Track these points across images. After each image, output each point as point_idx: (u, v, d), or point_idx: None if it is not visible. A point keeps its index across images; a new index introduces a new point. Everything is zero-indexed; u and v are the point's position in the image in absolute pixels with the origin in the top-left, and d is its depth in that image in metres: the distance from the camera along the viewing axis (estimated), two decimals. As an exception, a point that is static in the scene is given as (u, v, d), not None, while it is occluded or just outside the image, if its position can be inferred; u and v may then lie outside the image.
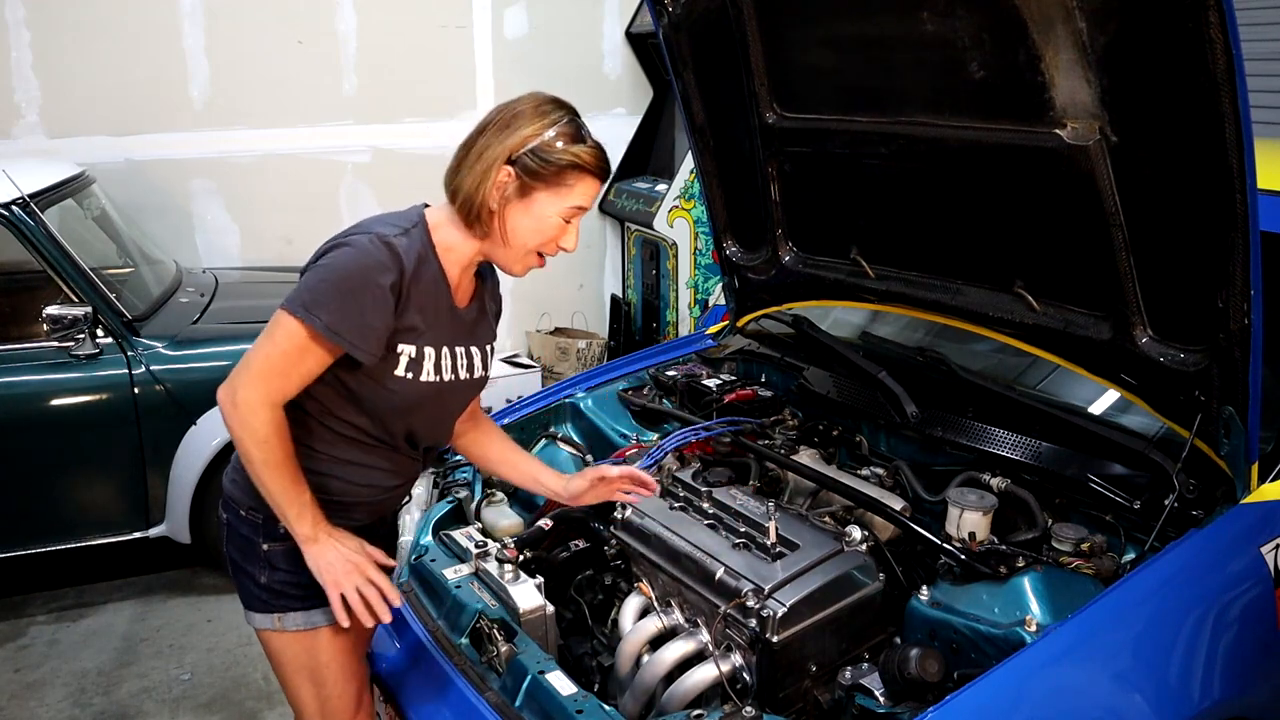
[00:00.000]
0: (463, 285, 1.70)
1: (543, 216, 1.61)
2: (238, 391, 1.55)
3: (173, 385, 3.42)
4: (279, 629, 1.71)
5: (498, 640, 1.74)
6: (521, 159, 1.57)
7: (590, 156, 1.61)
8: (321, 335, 1.52)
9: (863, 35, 2.03)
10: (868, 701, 1.60)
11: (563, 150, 1.58)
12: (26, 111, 4.57)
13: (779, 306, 2.75)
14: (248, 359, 1.57)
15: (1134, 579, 1.61)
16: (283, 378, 1.55)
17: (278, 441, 1.55)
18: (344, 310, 1.52)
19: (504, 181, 1.58)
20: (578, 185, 1.61)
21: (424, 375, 1.63)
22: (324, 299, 1.52)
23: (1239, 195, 1.47)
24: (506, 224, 1.61)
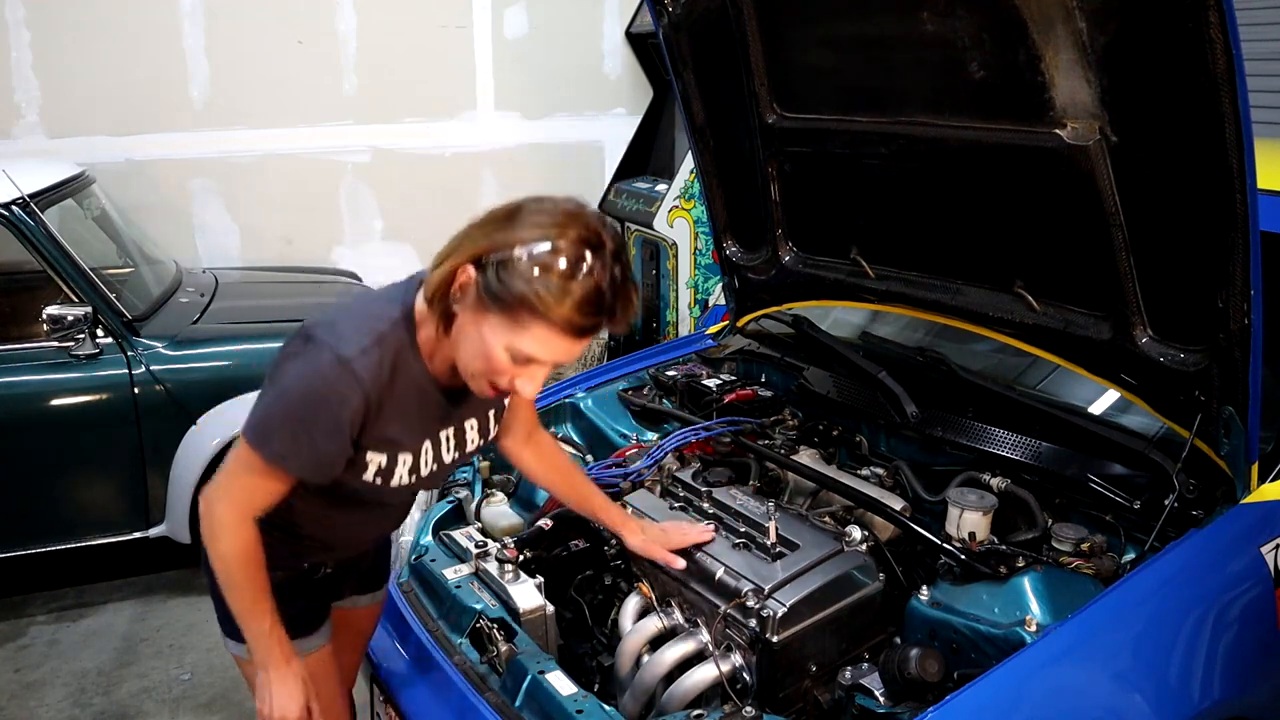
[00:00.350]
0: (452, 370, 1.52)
1: (487, 345, 1.34)
2: (214, 505, 1.50)
3: (173, 385, 3.42)
4: (250, 659, 1.66)
5: (498, 640, 1.74)
6: (487, 266, 1.31)
7: (562, 306, 1.28)
8: (274, 465, 1.45)
9: (863, 35, 2.03)
10: (868, 701, 1.60)
11: (530, 280, 1.28)
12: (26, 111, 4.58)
13: (779, 306, 2.75)
14: (223, 472, 1.51)
15: (1134, 579, 1.61)
16: (250, 497, 1.49)
17: (241, 564, 1.51)
18: (295, 442, 1.42)
19: (464, 283, 1.34)
20: (533, 330, 1.31)
21: (394, 481, 1.56)
22: (275, 429, 1.43)
23: (1239, 195, 1.47)
24: (462, 336, 1.38)
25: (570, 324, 1.30)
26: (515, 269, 1.29)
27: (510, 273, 1.29)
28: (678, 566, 1.81)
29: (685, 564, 1.81)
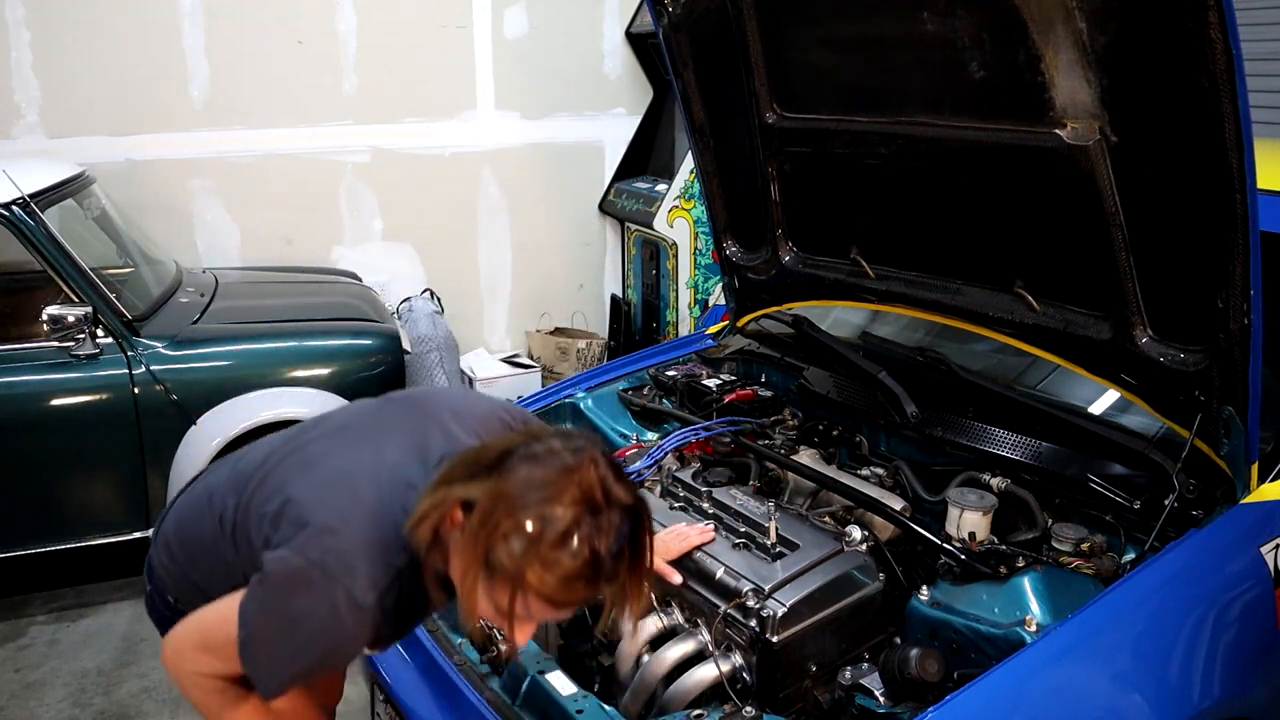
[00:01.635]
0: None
1: (475, 596, 1.23)
2: (183, 654, 1.45)
3: (173, 385, 3.42)
4: None
5: (498, 640, 1.74)
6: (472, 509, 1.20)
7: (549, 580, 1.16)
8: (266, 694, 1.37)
9: (863, 35, 2.03)
10: (868, 701, 1.60)
11: (514, 555, 1.16)
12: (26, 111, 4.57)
13: (779, 306, 2.75)
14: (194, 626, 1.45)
15: (1134, 579, 1.61)
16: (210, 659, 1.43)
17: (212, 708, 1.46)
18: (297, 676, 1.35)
19: (455, 522, 1.23)
20: (520, 598, 1.19)
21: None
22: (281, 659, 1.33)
23: (1239, 195, 1.47)
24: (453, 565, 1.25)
25: (559, 597, 1.18)
26: (501, 535, 1.16)
27: (495, 537, 1.16)
28: (675, 581, 1.79)
29: (682, 579, 1.80)
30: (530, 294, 5.67)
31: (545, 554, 1.15)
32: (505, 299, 5.67)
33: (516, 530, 1.16)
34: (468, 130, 5.37)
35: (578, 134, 5.59)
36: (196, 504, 1.63)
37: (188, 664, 1.45)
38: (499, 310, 5.67)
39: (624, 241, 5.62)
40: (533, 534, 1.15)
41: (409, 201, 5.19)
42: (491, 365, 5.24)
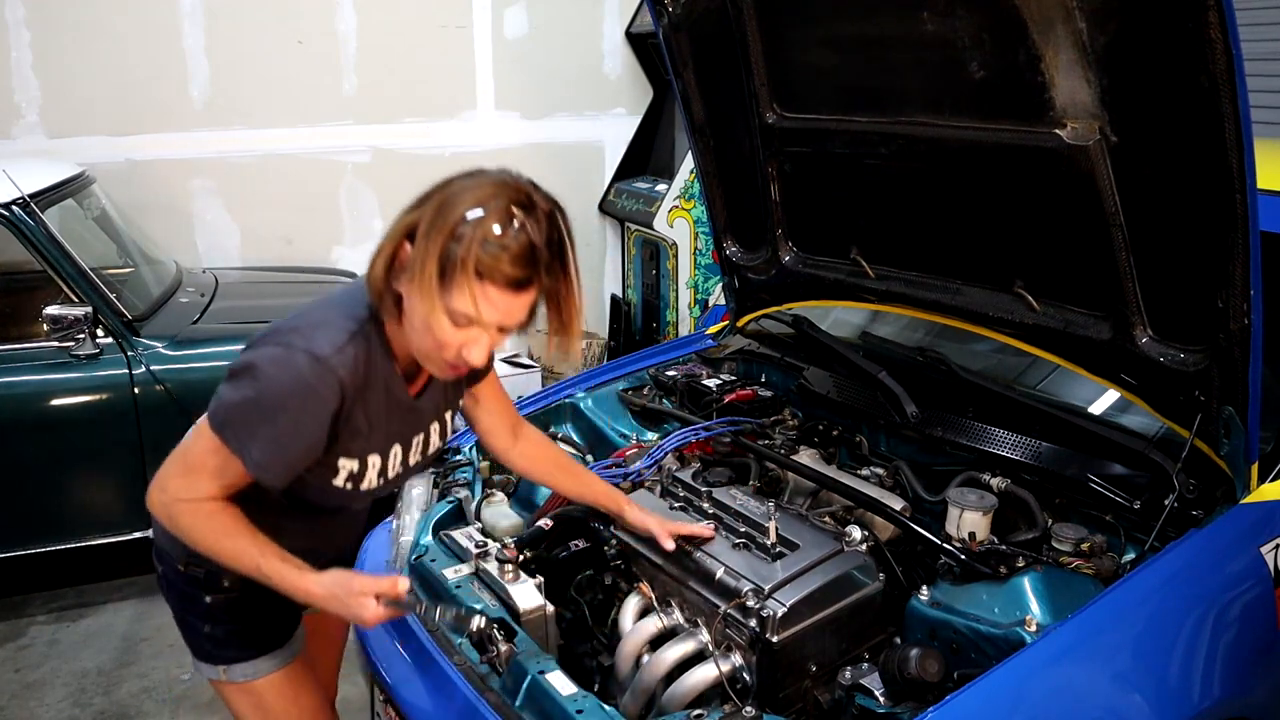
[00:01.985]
0: (420, 376, 1.54)
1: (427, 315, 1.32)
2: (166, 487, 1.47)
3: (173, 385, 3.42)
4: (224, 680, 1.67)
5: (498, 640, 1.74)
6: (416, 235, 1.33)
7: (492, 258, 1.28)
8: (249, 470, 1.41)
9: (863, 35, 2.03)
10: (868, 701, 1.60)
11: (461, 240, 1.28)
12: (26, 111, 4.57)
13: (779, 306, 2.75)
14: (174, 459, 1.48)
15: (1134, 579, 1.61)
16: (208, 481, 1.45)
17: (206, 528, 1.46)
18: (273, 447, 1.39)
19: (403, 259, 1.35)
20: (466, 288, 1.30)
21: (365, 484, 1.54)
22: (245, 424, 1.39)
23: (1239, 195, 1.47)
24: (411, 318, 1.37)
25: (501, 276, 1.29)
26: (448, 229, 1.29)
27: (443, 234, 1.29)
28: (667, 546, 1.80)
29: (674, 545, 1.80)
30: (530, 294, 5.66)
31: (489, 235, 1.27)
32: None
33: (461, 221, 1.28)
34: (468, 130, 5.37)
35: (578, 134, 5.60)
36: None
37: (176, 494, 1.46)
38: (499, 310, 5.66)
39: (624, 241, 5.62)
40: (476, 220, 1.28)
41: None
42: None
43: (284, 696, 1.69)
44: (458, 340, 1.36)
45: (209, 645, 1.65)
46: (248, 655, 1.65)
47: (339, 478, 1.51)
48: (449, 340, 1.35)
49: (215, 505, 1.46)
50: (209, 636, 1.64)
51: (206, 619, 1.64)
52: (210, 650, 1.66)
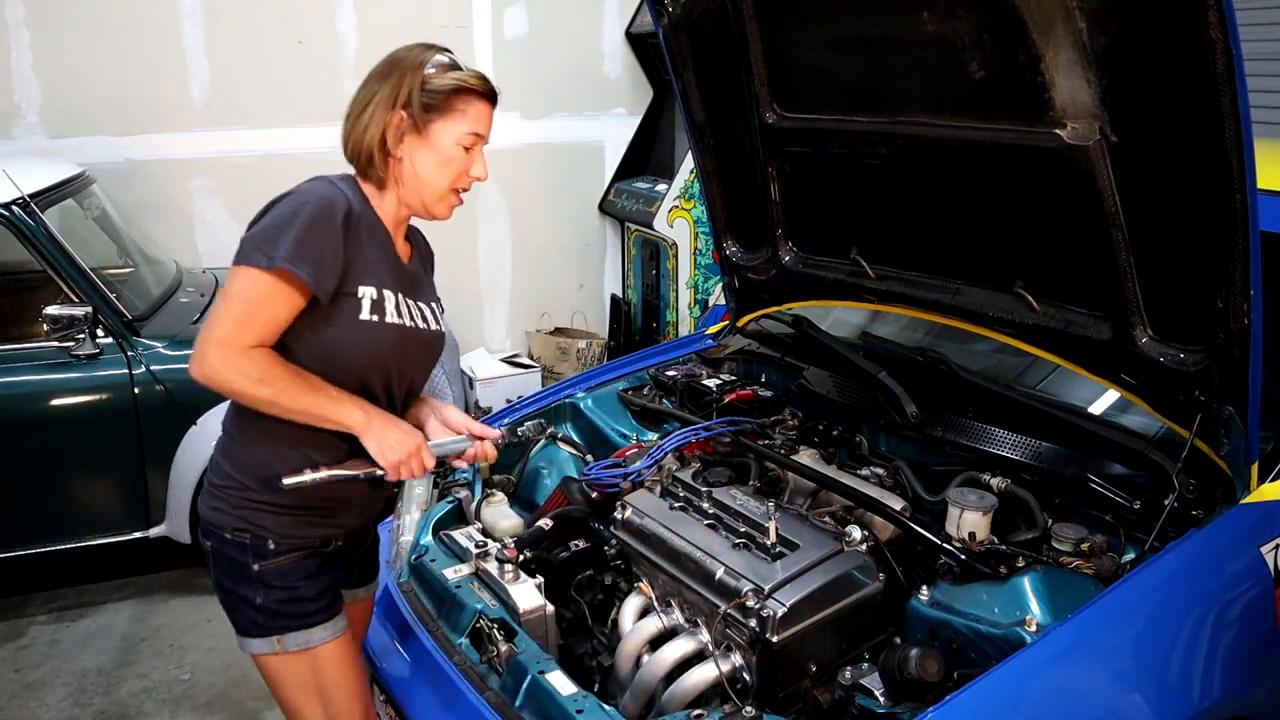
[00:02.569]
0: (400, 243, 1.72)
1: (442, 148, 1.63)
2: (208, 356, 1.51)
3: (173, 385, 3.42)
4: (278, 651, 1.66)
5: (498, 640, 1.75)
6: (410, 97, 1.60)
7: (474, 79, 1.64)
8: (281, 271, 1.49)
9: (863, 35, 2.03)
10: (868, 701, 1.60)
11: (446, 78, 1.61)
12: (26, 111, 4.57)
13: (779, 306, 2.75)
14: (208, 325, 1.53)
15: (1134, 579, 1.61)
16: (250, 327, 1.52)
17: (275, 367, 1.52)
18: (298, 245, 1.50)
19: (397, 124, 1.61)
20: (469, 110, 1.64)
21: (388, 317, 1.62)
22: (277, 238, 1.50)
23: (1239, 195, 1.47)
24: (415, 165, 1.64)
25: (486, 89, 1.65)
26: (432, 79, 1.61)
27: (431, 81, 1.61)
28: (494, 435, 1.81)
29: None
30: (530, 294, 5.67)
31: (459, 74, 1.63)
32: (505, 299, 5.67)
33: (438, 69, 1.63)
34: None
35: (578, 134, 5.59)
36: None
37: (223, 350, 1.50)
38: (499, 310, 5.67)
39: (624, 241, 5.62)
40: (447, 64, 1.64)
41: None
42: (491, 365, 5.24)
43: (335, 667, 1.70)
44: (467, 162, 1.66)
45: (261, 617, 1.65)
46: (300, 624, 1.66)
47: (364, 310, 1.59)
48: (461, 166, 1.66)
49: (265, 351, 1.53)
50: (261, 608, 1.64)
51: (258, 587, 1.64)
52: (262, 622, 1.65)
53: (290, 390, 1.53)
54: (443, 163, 1.65)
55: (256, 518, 1.62)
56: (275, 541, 1.63)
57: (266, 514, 1.62)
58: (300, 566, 1.65)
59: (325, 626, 1.67)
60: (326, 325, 1.58)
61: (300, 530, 1.65)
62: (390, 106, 1.61)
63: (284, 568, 1.64)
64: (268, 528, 1.63)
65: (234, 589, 1.66)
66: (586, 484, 2.21)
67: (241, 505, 1.63)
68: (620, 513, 2.02)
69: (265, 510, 1.62)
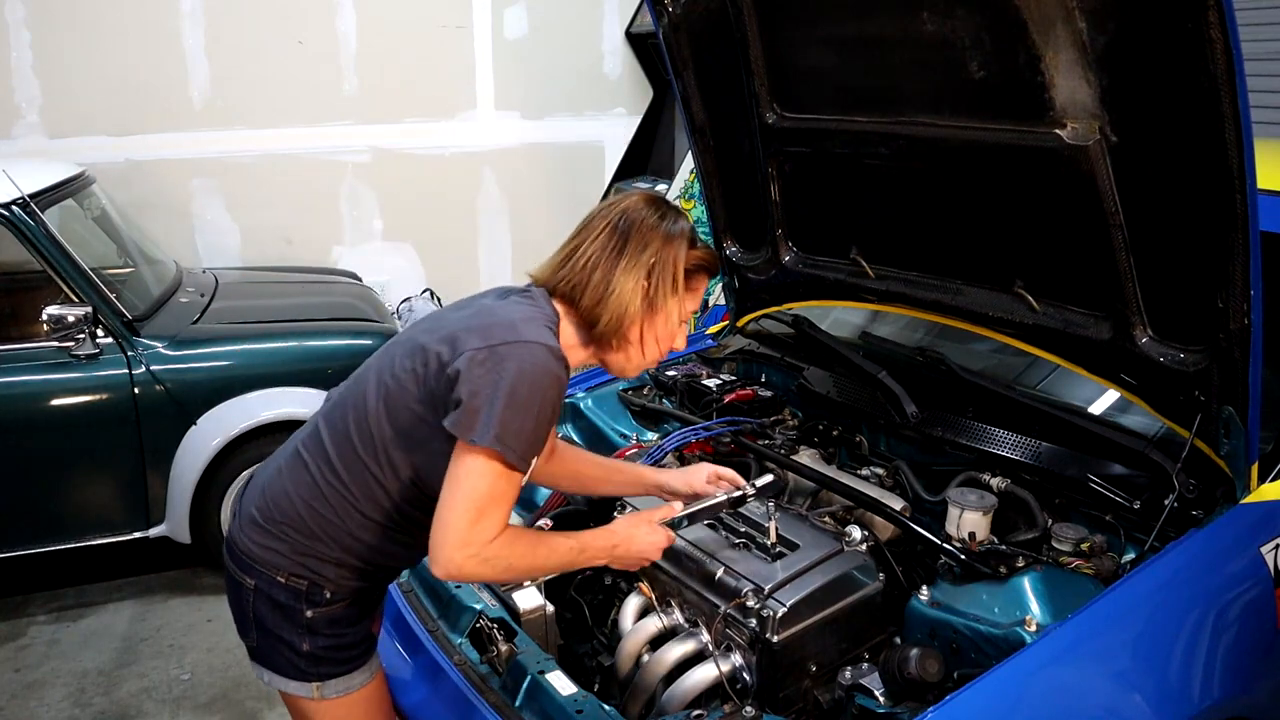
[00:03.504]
0: None
1: (671, 324, 1.61)
2: (454, 558, 1.43)
3: (173, 385, 3.42)
4: (318, 698, 1.63)
5: (498, 640, 1.75)
6: (657, 273, 1.56)
7: (711, 258, 1.63)
8: (517, 465, 1.43)
9: (863, 35, 2.03)
10: (868, 701, 1.60)
11: (694, 258, 1.60)
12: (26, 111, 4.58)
13: (779, 306, 2.75)
14: (448, 518, 1.43)
15: (1134, 579, 1.61)
16: (495, 514, 1.45)
17: (518, 549, 1.49)
18: (534, 436, 1.44)
19: (650, 295, 1.57)
20: (699, 288, 1.64)
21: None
22: (519, 429, 1.42)
23: (1239, 195, 1.47)
24: (643, 338, 1.60)
25: (718, 267, 1.68)
26: (681, 260, 1.58)
27: (681, 263, 1.58)
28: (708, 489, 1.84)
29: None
30: (530, 294, 5.67)
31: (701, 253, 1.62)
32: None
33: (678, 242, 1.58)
34: (468, 130, 5.37)
35: (578, 134, 5.59)
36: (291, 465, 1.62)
37: (482, 541, 1.44)
38: (499, 310, 5.67)
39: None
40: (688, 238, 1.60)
41: (409, 201, 5.20)
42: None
43: (369, 710, 1.68)
44: (678, 333, 1.65)
45: (304, 663, 1.61)
46: (343, 670, 1.63)
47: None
48: (676, 335, 1.64)
49: (511, 530, 1.49)
50: (307, 654, 1.60)
51: (306, 634, 1.59)
52: (305, 668, 1.61)
53: (535, 568, 1.56)
54: (666, 337, 1.62)
55: (319, 568, 1.57)
56: (332, 590, 1.59)
57: (331, 565, 1.58)
58: (349, 613, 1.62)
59: (365, 669, 1.66)
60: None
61: (356, 580, 1.61)
62: (643, 278, 1.55)
63: (335, 615, 1.60)
64: (328, 578, 1.58)
65: (277, 630, 1.60)
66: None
67: (307, 553, 1.57)
68: (620, 513, 2.02)
69: (330, 563, 1.58)
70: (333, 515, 1.56)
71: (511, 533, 1.49)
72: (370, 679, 1.67)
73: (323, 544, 1.56)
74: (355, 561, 1.58)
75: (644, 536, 1.64)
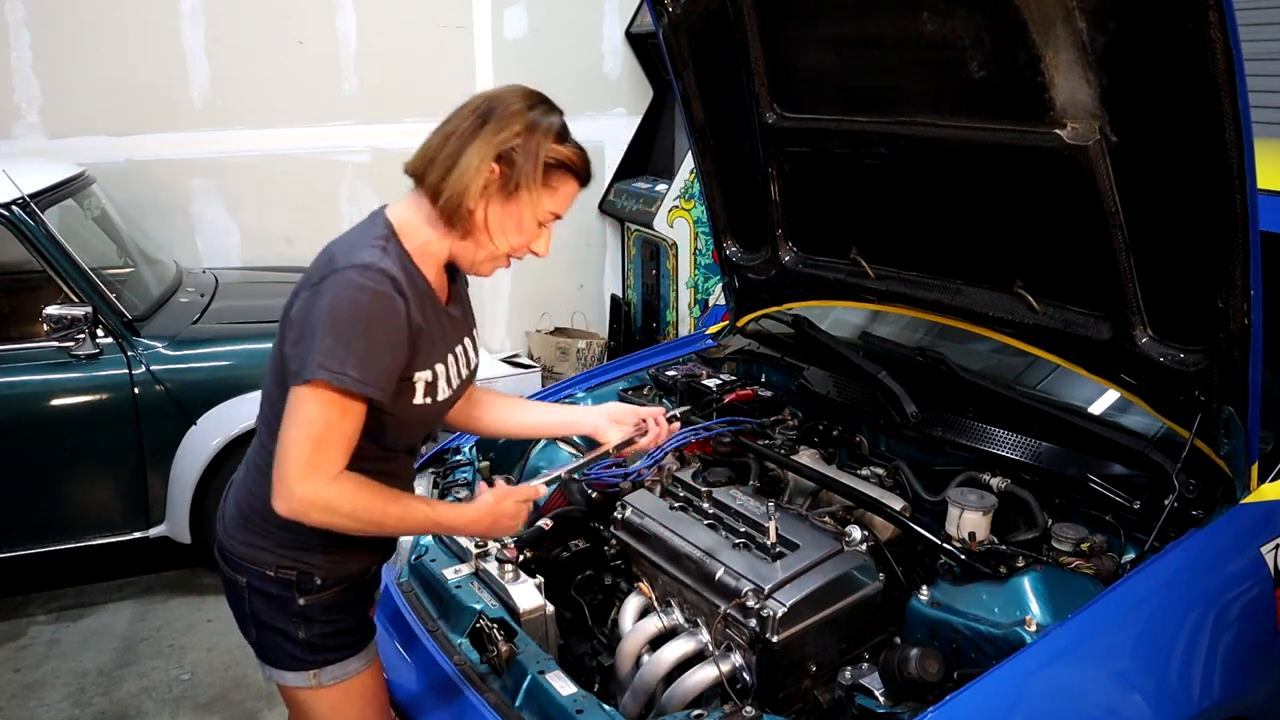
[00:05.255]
0: (442, 283, 1.63)
1: (523, 219, 1.54)
2: (295, 491, 1.42)
3: (173, 385, 3.42)
4: (315, 685, 1.63)
5: (498, 640, 1.74)
6: (511, 156, 1.49)
7: (579, 159, 1.56)
8: (353, 392, 1.41)
9: (863, 35, 2.03)
10: (868, 701, 1.60)
11: (556, 151, 1.52)
12: (26, 111, 4.57)
13: (779, 306, 2.75)
14: (282, 454, 1.43)
15: (1134, 579, 1.61)
16: (332, 449, 1.43)
17: (365, 497, 1.46)
18: (365, 362, 1.41)
19: (491, 179, 1.50)
20: (561, 189, 1.56)
21: (440, 394, 1.58)
22: (343, 352, 1.40)
23: (1239, 195, 1.47)
24: (489, 224, 1.53)
25: (587, 173, 1.58)
26: (540, 147, 1.50)
27: (538, 150, 1.50)
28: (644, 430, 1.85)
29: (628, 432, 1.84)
30: (530, 294, 5.67)
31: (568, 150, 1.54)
32: (505, 299, 5.67)
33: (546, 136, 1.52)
34: (467, 130, 5.36)
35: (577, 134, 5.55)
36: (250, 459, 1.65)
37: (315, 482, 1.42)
38: (499, 310, 5.67)
39: (624, 241, 5.62)
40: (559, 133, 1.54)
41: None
42: (491, 365, 5.24)
43: (365, 697, 1.68)
44: (536, 235, 1.58)
45: (300, 651, 1.61)
46: (340, 656, 1.63)
47: (417, 395, 1.54)
48: (531, 236, 1.57)
49: (353, 477, 1.47)
50: (303, 642, 1.60)
51: (300, 623, 1.60)
52: (301, 656, 1.61)
53: (385, 521, 1.50)
54: (516, 232, 1.55)
55: (306, 555, 1.58)
56: (322, 576, 1.59)
57: (317, 552, 1.58)
58: (344, 599, 1.63)
59: (361, 655, 1.66)
60: (379, 413, 1.50)
61: (347, 564, 1.62)
62: (491, 157, 1.49)
63: (328, 601, 1.60)
64: (316, 565, 1.58)
65: (272, 623, 1.61)
66: (586, 484, 2.21)
67: (290, 545, 1.57)
68: (620, 513, 2.02)
69: (315, 549, 1.57)
70: None
71: (362, 480, 1.47)
72: (366, 666, 1.67)
73: (295, 530, 1.54)
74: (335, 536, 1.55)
75: (504, 518, 1.59)
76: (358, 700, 1.68)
